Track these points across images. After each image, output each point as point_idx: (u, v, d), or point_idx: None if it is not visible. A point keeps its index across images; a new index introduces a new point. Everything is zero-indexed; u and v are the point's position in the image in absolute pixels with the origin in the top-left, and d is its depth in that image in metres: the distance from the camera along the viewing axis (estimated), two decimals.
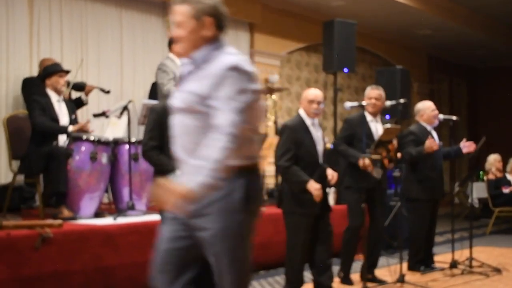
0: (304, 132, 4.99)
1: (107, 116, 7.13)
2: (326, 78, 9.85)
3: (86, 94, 6.93)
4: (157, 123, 4.34)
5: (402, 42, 13.37)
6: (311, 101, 5.04)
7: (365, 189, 5.64)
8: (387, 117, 7.99)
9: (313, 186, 4.82)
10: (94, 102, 7.61)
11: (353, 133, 5.72)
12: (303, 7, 10.78)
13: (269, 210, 6.38)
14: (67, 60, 7.72)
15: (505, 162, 10.53)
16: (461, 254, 6.48)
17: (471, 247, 6.50)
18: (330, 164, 5.25)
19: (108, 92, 7.12)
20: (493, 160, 10.29)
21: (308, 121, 5.04)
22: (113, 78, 8.30)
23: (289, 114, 11.18)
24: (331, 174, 5.04)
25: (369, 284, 5.51)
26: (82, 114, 7.26)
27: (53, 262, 4.72)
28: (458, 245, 6.52)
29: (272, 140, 3.61)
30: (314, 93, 5.10)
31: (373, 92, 5.85)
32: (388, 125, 5.54)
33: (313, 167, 4.95)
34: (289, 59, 11.11)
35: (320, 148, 5.05)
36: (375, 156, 5.36)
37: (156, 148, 4.35)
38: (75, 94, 7.10)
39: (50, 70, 6.01)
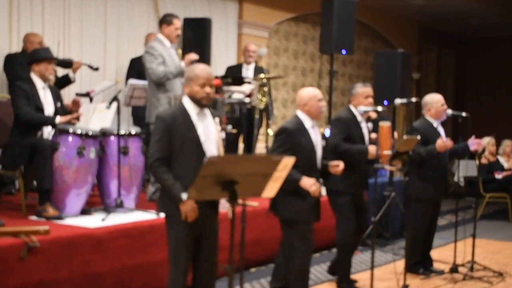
0: (303, 135, 4.68)
1: (91, 98, 6.75)
2: (321, 65, 9.40)
3: (74, 72, 6.52)
4: (165, 132, 3.92)
5: (393, 11, 12.95)
6: (319, 100, 4.73)
7: (356, 194, 5.39)
8: (385, 102, 7.65)
9: (307, 182, 4.52)
10: (76, 79, 7.16)
11: (348, 135, 5.33)
12: None
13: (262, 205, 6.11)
14: (48, 34, 7.25)
15: (497, 144, 10.26)
16: (461, 247, 6.24)
17: (473, 248, 6.21)
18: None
19: (96, 69, 6.78)
20: (487, 143, 9.98)
21: (308, 124, 4.72)
22: (96, 54, 7.86)
23: (284, 106, 10.85)
24: (336, 163, 4.74)
25: None
26: (64, 93, 6.83)
27: (40, 272, 4.41)
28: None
29: (288, 161, 3.26)
30: (317, 91, 4.79)
31: (370, 92, 5.46)
32: (406, 136, 5.19)
33: (311, 172, 4.64)
34: (277, 29, 10.67)
35: (319, 152, 4.76)
36: (390, 168, 5.04)
37: (162, 160, 3.91)
38: (60, 71, 6.70)
39: (40, 56, 5.45)
